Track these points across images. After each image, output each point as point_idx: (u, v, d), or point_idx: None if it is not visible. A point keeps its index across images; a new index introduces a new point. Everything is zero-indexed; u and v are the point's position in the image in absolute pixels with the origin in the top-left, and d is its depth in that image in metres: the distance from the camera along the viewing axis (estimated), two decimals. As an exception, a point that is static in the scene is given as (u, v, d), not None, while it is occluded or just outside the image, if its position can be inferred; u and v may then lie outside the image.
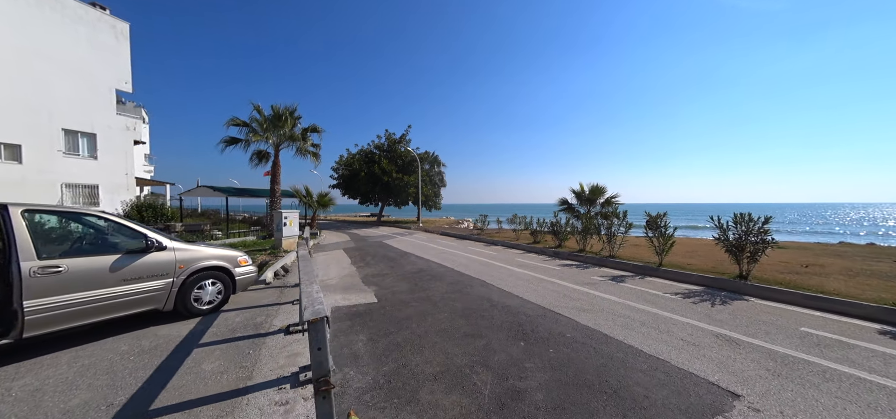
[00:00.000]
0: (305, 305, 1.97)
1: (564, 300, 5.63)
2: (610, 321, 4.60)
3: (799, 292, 5.49)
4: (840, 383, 3.01)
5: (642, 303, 5.47)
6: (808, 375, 3.15)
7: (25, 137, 16.06)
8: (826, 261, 8.35)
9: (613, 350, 3.68)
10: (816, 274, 6.84)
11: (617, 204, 16.60)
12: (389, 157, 29.01)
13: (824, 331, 4.24)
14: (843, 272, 7.01)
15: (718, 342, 3.90)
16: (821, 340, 3.94)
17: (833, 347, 3.75)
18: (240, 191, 17.16)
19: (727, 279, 6.42)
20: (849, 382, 3.02)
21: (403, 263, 9.31)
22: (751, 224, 6.46)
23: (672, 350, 3.69)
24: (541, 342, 3.87)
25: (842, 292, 5.45)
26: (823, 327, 4.37)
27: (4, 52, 15.33)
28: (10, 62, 15.49)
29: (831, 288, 5.75)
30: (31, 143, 16.22)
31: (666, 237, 8.03)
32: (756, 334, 4.13)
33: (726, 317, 4.74)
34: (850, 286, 5.86)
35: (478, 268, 8.49)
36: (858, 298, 5.06)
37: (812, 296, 5.32)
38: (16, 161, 15.91)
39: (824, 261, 8.35)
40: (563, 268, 8.63)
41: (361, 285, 6.70)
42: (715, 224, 7.07)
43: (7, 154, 15.75)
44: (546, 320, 4.62)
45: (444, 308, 5.16)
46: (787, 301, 5.47)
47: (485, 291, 6.18)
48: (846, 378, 3.10)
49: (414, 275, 7.64)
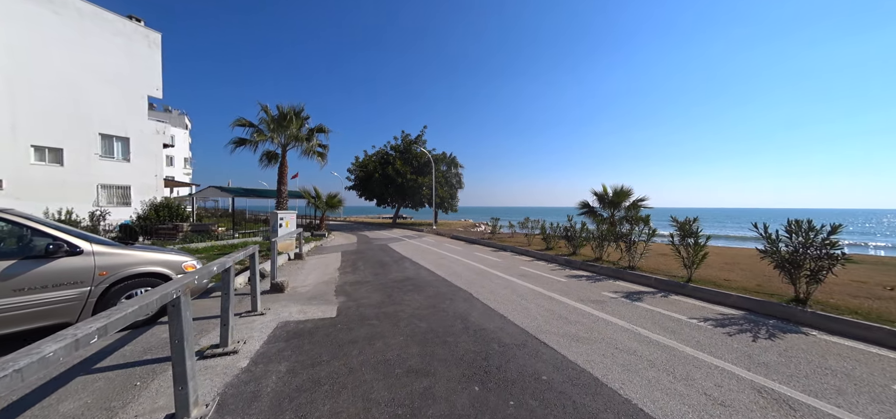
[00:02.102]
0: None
1: (558, 323, 4.60)
2: (608, 357, 3.54)
3: (886, 327, 4.05)
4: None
5: (658, 331, 4.31)
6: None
7: (67, 142, 17.34)
8: (918, 280, 6.52)
9: (600, 407, 2.67)
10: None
11: (644, 207, 14.88)
12: (404, 158, 28.66)
13: (929, 391, 2.92)
14: (946, 298, 5.30)
15: (762, 403, 2.75)
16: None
17: (949, 424, 2.49)
18: (247, 191, 17.46)
19: (778, 303, 5.03)
20: None
21: (393, 270, 8.61)
22: (811, 233, 5.02)
23: (689, 412, 2.61)
24: (503, 387, 2.94)
25: (950, 329, 3.95)
26: (925, 383, 3.04)
27: (52, 64, 16.66)
28: (56, 73, 16.81)
29: (933, 321, 4.23)
30: (72, 147, 17.50)
31: (696, 247, 6.65)
32: (822, 392, 2.91)
33: (775, 360, 3.50)
34: (961, 319, 4.30)
35: (471, 278, 7.57)
36: (979, 341, 3.60)
37: (904, 334, 3.89)
38: (58, 164, 17.21)
39: (915, 280, 6.52)
40: (571, 279, 7.48)
41: (331, 296, 6.05)
42: (760, 233, 5.64)
43: (51, 157, 17.08)
44: (523, 352, 3.65)
45: (404, 329, 4.33)
46: (869, 339, 4.05)
47: (465, 308, 5.28)
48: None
49: (395, 285, 6.89)
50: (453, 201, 31.15)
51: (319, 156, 16.03)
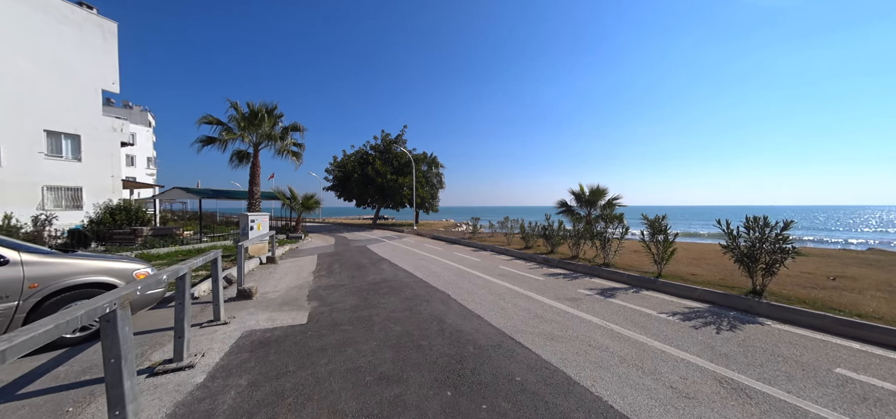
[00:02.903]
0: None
1: (534, 322, 4.62)
2: (581, 355, 3.58)
3: (830, 315, 4.35)
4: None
5: (629, 327, 4.42)
6: (854, 460, 2.11)
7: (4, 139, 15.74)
8: (856, 271, 7.11)
9: (572, 406, 2.68)
10: (848, 289, 5.66)
11: (618, 206, 15.42)
12: (384, 157, 28.24)
13: (868, 374, 3.14)
14: (880, 287, 5.80)
15: (722, 393, 2.85)
16: (868, 392, 2.86)
17: (888, 405, 2.68)
18: (217, 192, 16.54)
19: (738, 296, 5.30)
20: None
21: (370, 272, 8.41)
22: (766, 229, 5.34)
23: (655, 407, 2.67)
24: (476, 391, 2.89)
25: (885, 315, 4.30)
26: (866, 368, 3.27)
27: (-16, 52, 15.08)
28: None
29: (869, 309, 4.59)
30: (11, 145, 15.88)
31: (665, 243, 6.93)
32: (775, 379, 3.07)
33: (735, 350, 3.67)
34: (894, 306, 4.70)
35: (449, 279, 7.52)
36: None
37: (847, 321, 4.18)
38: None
39: (855, 271, 7.11)
40: (549, 278, 7.59)
41: (303, 301, 5.80)
42: (723, 229, 5.95)
43: (-17, 156, 15.46)
44: (498, 354, 3.63)
45: (378, 334, 4.21)
46: (815, 326, 4.35)
47: (441, 310, 5.21)
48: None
49: (371, 288, 6.72)
50: (434, 201, 31.03)
51: (294, 155, 15.44)
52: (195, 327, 4.35)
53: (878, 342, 3.86)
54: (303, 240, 15.77)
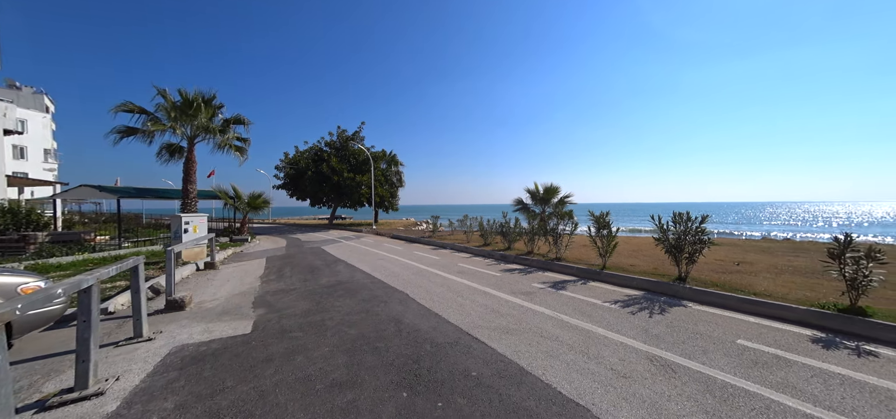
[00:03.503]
0: None
1: (491, 317, 4.74)
2: (534, 346, 3.75)
3: (734, 295, 5.09)
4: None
5: (577, 316, 4.73)
6: (750, 417, 2.47)
7: None
8: (754, 257, 8.41)
9: (524, 395, 2.79)
10: (747, 272, 6.67)
11: (569, 203, 16.50)
12: (341, 155, 27.05)
13: (761, 343, 3.72)
14: (770, 269, 6.93)
15: (653, 370, 3.17)
16: (759, 357, 3.38)
17: (772, 367, 3.19)
18: (141, 191, 14.44)
19: (667, 282, 5.96)
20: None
21: (325, 274, 7.99)
22: (689, 223, 6.07)
23: (597, 389, 2.88)
24: (433, 389, 2.88)
25: (773, 293, 5.14)
26: (759, 338, 3.87)
27: None
28: None
29: (762, 287, 5.46)
30: None
31: (609, 237, 7.56)
32: (693, 353, 3.50)
33: (664, 331, 4.11)
34: (778, 285, 5.64)
35: (408, 278, 7.43)
36: (787, 300, 4.73)
37: (747, 300, 4.92)
38: None
39: (753, 257, 8.40)
40: (506, 273, 7.86)
41: (247, 309, 5.33)
42: (655, 223, 6.64)
43: None
44: (455, 351, 3.66)
45: (331, 338, 4.00)
46: (724, 305, 5.05)
47: (399, 310, 5.13)
48: (792, 417, 2.47)
49: (325, 290, 6.38)
50: (394, 200, 30.50)
51: (238, 150, 14.04)
52: (108, 347, 3.75)
53: (768, 315, 4.59)
54: (249, 242, 14.49)
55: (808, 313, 4.35)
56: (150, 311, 4.99)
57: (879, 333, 3.81)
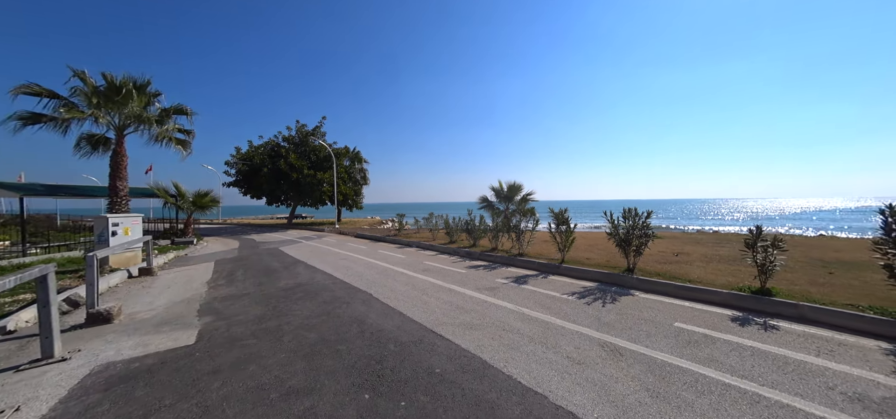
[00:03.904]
0: None
1: (455, 314, 4.80)
2: (496, 340, 3.86)
3: (673, 283, 5.65)
4: (710, 397, 2.66)
5: (538, 309, 4.95)
6: (682, 391, 2.76)
7: None
8: (690, 248, 9.41)
9: (486, 388, 2.86)
10: (684, 262, 7.45)
11: (532, 200, 17.18)
12: (300, 151, 25.62)
13: (693, 324, 4.18)
14: (701, 259, 7.80)
15: (604, 355, 3.42)
16: (691, 337, 3.79)
17: (701, 345, 3.59)
18: (53, 188, 12.38)
19: (617, 274, 6.45)
20: (717, 393, 2.70)
21: (283, 277, 7.54)
22: (636, 218, 6.62)
23: (555, 376, 3.04)
24: (395, 390, 2.85)
25: (703, 279, 5.79)
26: (692, 320, 4.34)
27: None
28: None
29: (695, 275, 6.13)
30: None
31: (567, 233, 8.00)
32: (638, 338, 3.82)
33: (614, 318, 4.45)
34: (708, 272, 6.37)
35: (373, 278, 7.27)
36: (714, 285, 5.36)
37: (682, 286, 5.49)
38: None
39: (689, 248, 9.39)
40: (471, 270, 7.99)
41: (191, 318, 4.86)
42: (608, 219, 7.15)
43: None
44: (419, 349, 3.65)
45: (288, 344, 3.79)
46: (665, 292, 5.58)
47: (363, 311, 5.00)
48: (714, 387, 2.79)
49: (283, 294, 6.03)
50: (358, 198, 29.62)
51: (180, 144, 12.64)
52: (6, 373, 3.20)
53: (699, 299, 5.17)
54: (195, 245, 13.21)
55: (729, 296, 4.96)
56: (65, 327, 4.36)
57: (781, 309, 4.46)
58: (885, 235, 3.95)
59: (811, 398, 2.64)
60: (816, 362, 3.18)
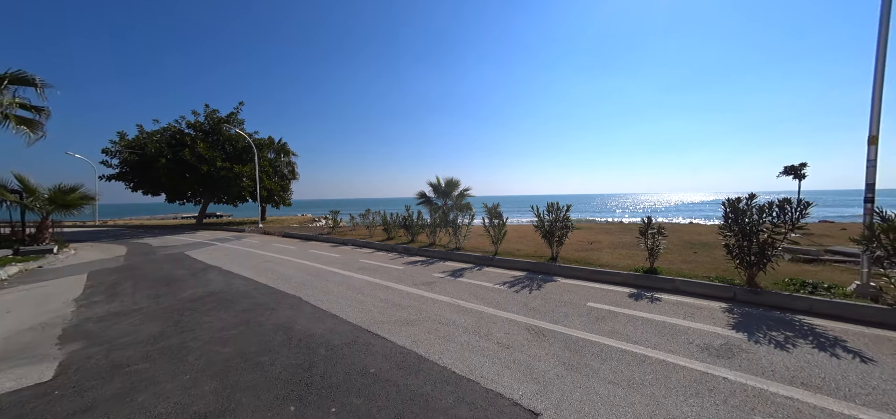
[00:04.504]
0: None
1: (392, 311, 4.72)
2: (432, 333, 3.92)
3: (587, 268, 6.48)
4: (611, 362, 3.12)
5: (472, 300, 5.17)
6: (590, 361, 3.18)
7: None
8: (601, 237, 10.89)
9: (421, 382, 2.89)
10: (596, 249, 8.59)
11: (469, 196, 17.84)
12: (211, 140, 22.17)
13: (601, 303, 4.86)
14: (610, 246, 9.10)
15: (529, 338, 3.74)
16: (599, 314, 4.40)
17: (606, 320, 4.20)
18: None
19: (543, 262, 7.11)
20: (616, 358, 3.19)
21: (189, 285, 6.47)
22: (558, 212, 7.38)
23: (486, 362, 3.22)
24: (326, 396, 2.69)
25: (610, 263, 6.77)
26: (601, 299, 5.04)
27: None
28: None
29: (604, 260, 7.13)
30: None
31: (500, 227, 8.51)
32: (558, 319, 4.28)
33: (539, 304, 4.89)
34: (614, 257, 7.47)
35: (302, 280, 6.71)
36: (617, 268, 6.32)
37: (594, 271, 6.33)
38: None
39: (600, 237, 10.86)
40: (408, 266, 7.96)
41: (49, 346, 3.84)
42: (535, 213, 7.82)
43: None
44: (353, 350, 3.50)
45: (195, 363, 3.28)
46: (581, 277, 6.36)
47: (290, 316, 4.59)
48: (614, 354, 3.29)
49: (189, 306, 5.17)
50: (286, 194, 27.02)
51: (26, 124, 9.67)
52: None
53: (606, 280, 6.02)
54: (56, 254, 10.44)
55: (628, 276, 5.88)
56: None
57: (663, 284, 5.47)
58: (725, 222, 5.13)
59: (678, 352, 3.29)
60: (683, 323, 3.99)
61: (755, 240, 4.79)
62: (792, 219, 4.64)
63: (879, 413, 2.37)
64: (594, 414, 2.43)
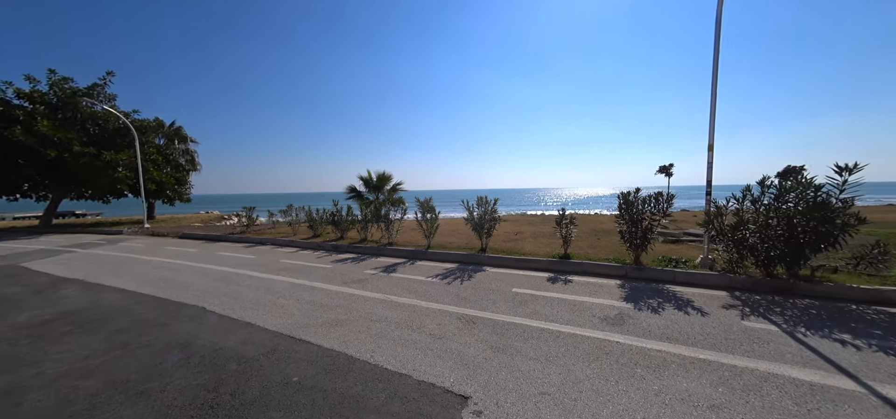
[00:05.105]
0: None
1: (319, 313, 4.38)
2: (363, 332, 3.76)
3: (512, 257, 7.02)
4: (531, 341, 3.46)
5: (405, 294, 5.13)
6: (514, 342, 3.46)
7: None
8: (525, 228, 11.94)
9: (351, 383, 2.75)
10: (521, 239, 9.39)
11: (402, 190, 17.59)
12: (62, 117, 17.13)
13: (524, 288, 5.33)
14: (532, 236, 10.05)
15: (460, 326, 3.88)
16: (522, 298, 4.82)
17: (528, 303, 4.62)
18: None
19: (474, 254, 7.45)
20: (536, 337, 3.54)
21: (30, 307, 4.91)
22: (487, 205, 7.80)
23: (418, 355, 3.22)
24: (238, 414, 2.34)
25: (532, 252, 7.48)
26: (524, 284, 5.52)
27: None
28: None
29: (528, 249, 7.84)
30: None
31: (432, 221, 8.61)
32: (487, 306, 4.54)
33: (469, 293, 5.11)
34: (536, 245, 8.27)
35: (206, 287, 5.74)
36: (538, 255, 7.02)
37: (519, 259, 6.91)
38: None
39: (524, 228, 11.90)
40: (338, 264, 7.48)
41: None
42: (465, 207, 8.12)
43: None
44: (273, 360, 3.14)
45: (35, 407, 2.51)
46: (508, 265, 6.86)
47: (190, 331, 3.87)
48: (535, 333, 3.65)
49: (28, 333, 3.92)
50: (183, 188, 22.66)
51: None
52: None
53: (529, 267, 6.63)
54: None
55: (547, 262, 6.57)
56: None
57: (574, 268, 6.28)
58: (620, 212, 6.15)
59: (583, 325, 3.82)
60: (588, 300, 4.64)
61: (640, 227, 5.84)
62: (663, 209, 5.79)
63: (709, 351, 3.13)
64: (517, 389, 2.65)
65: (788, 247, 4.71)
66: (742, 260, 5.19)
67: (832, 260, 5.11)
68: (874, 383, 2.60)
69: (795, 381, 2.65)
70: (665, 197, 5.78)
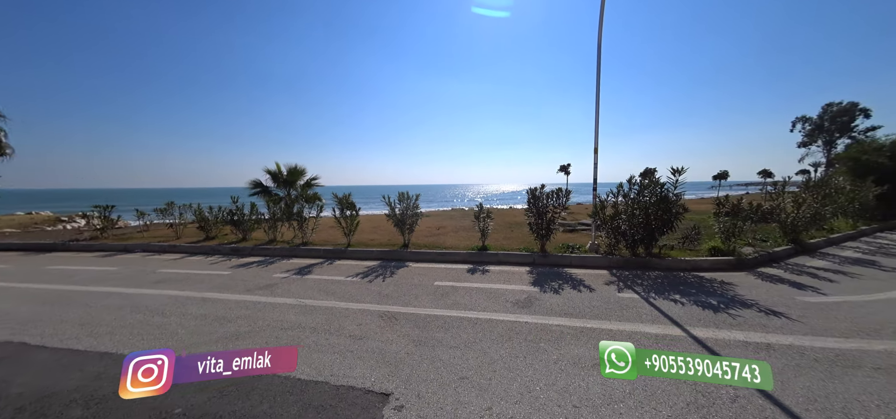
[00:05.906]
0: None
1: (213, 328, 3.71)
2: (271, 343, 3.34)
3: (434, 251, 7.19)
4: (452, 330, 3.61)
5: (322, 297, 4.75)
6: (436, 333, 3.56)
7: None
8: (447, 223, 12.36)
9: (255, 402, 2.40)
10: (442, 234, 9.68)
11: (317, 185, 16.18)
12: None
13: (446, 280, 5.52)
14: (454, 230, 10.47)
15: (382, 324, 3.79)
16: (444, 290, 4.99)
17: (450, 294, 4.81)
18: None
19: (396, 250, 7.36)
20: (456, 326, 3.72)
21: None
22: (409, 201, 7.78)
23: (336, 359, 3.03)
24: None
25: (453, 245, 7.80)
26: (446, 277, 5.71)
27: None
28: None
29: (449, 243, 8.14)
30: None
31: (352, 218, 8.18)
32: (409, 301, 4.55)
33: (392, 290, 5.03)
34: (457, 239, 8.65)
35: (30, 314, 4.26)
36: (458, 249, 7.37)
37: (440, 253, 7.11)
38: None
39: (446, 223, 12.31)
40: (239, 269, 6.47)
41: None
42: (386, 203, 7.94)
43: None
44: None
45: None
46: (430, 259, 6.99)
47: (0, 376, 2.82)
48: (455, 322, 3.82)
49: None
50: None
51: None
52: None
53: (450, 260, 6.89)
54: None
55: (466, 255, 6.93)
56: None
57: (491, 258, 6.79)
58: (528, 206, 6.92)
59: (499, 310, 4.17)
60: (503, 287, 5.08)
61: (545, 219, 6.66)
62: (562, 203, 6.73)
63: (594, 321, 3.79)
64: (438, 378, 2.73)
65: (646, 232, 6.03)
66: (617, 243, 6.42)
67: (670, 240, 6.74)
68: (690, 328, 3.53)
69: (648, 335, 3.41)
70: (564, 192, 6.73)
